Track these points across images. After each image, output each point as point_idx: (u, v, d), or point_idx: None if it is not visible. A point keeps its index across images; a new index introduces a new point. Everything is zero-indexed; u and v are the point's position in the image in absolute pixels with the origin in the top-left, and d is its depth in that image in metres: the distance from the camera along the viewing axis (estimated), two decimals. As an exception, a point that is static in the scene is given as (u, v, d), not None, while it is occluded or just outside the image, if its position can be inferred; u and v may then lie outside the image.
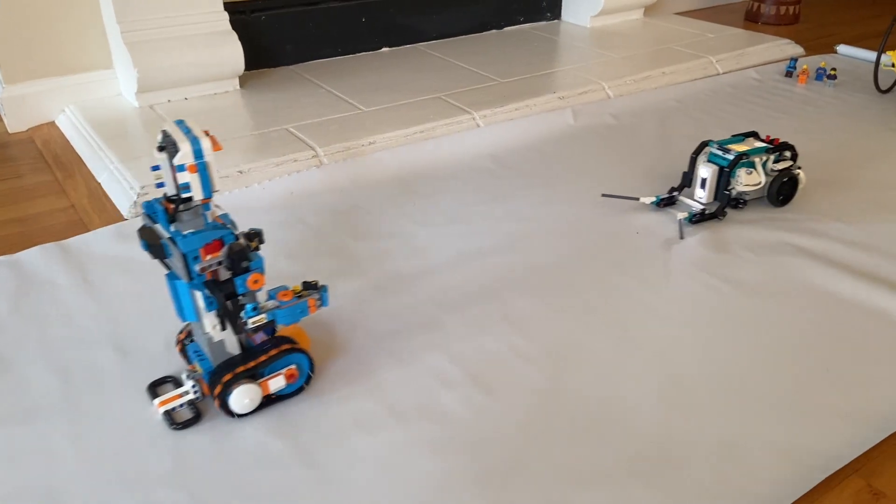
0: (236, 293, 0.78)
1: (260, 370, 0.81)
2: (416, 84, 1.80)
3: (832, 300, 1.02)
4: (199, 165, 0.71)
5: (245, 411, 0.81)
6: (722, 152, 1.22)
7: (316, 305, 0.82)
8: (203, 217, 0.76)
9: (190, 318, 0.79)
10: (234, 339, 0.82)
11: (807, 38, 2.27)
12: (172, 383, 0.88)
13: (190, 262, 0.74)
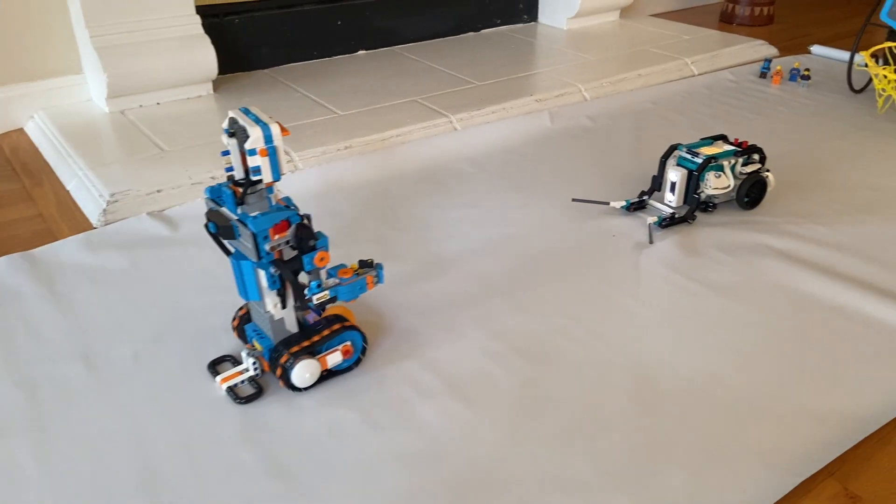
0: (301, 271, 0.81)
1: (318, 347, 0.86)
2: (393, 87, 1.79)
3: (805, 301, 1.02)
4: (269, 149, 0.75)
5: (305, 385, 0.85)
6: (691, 156, 1.22)
7: (373, 282, 0.87)
8: (268, 199, 0.79)
9: (253, 297, 0.82)
10: (292, 318, 0.86)
11: (781, 39, 2.29)
12: (231, 362, 0.92)
13: (260, 242, 0.77)
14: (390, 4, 2.07)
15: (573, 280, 1.08)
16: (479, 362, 0.92)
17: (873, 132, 1.58)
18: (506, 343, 0.95)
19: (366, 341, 0.90)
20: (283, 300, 0.83)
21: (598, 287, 1.07)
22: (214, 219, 0.79)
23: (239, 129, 0.76)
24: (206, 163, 1.37)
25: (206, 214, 0.80)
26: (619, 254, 1.15)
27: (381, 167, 1.44)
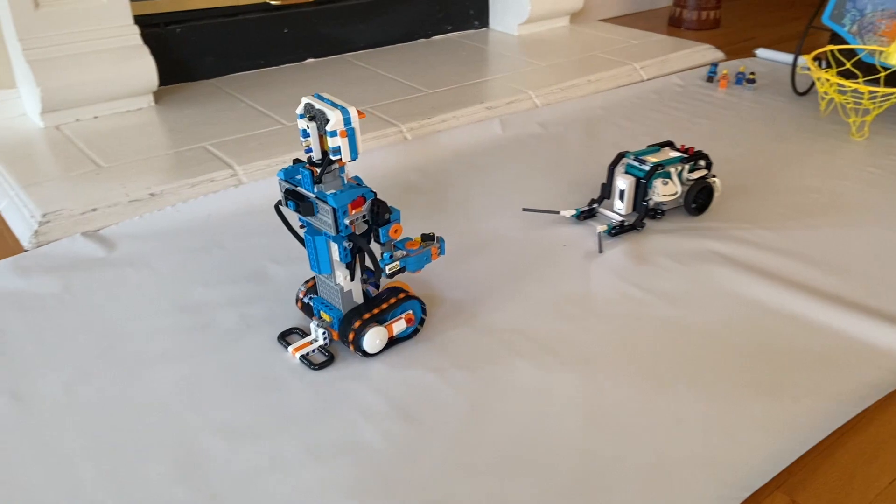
0: (378, 242, 0.88)
1: (384, 315, 0.92)
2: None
3: (753, 308, 1.02)
4: (348, 131, 0.80)
5: (375, 351, 0.92)
6: (638, 163, 1.22)
7: (437, 253, 0.93)
8: (341, 178, 0.85)
9: (325, 270, 0.89)
10: (359, 290, 0.93)
11: (727, 43, 2.32)
12: (299, 333, 0.98)
13: (339, 217, 0.83)
14: (338, 12, 2.04)
15: (523, 292, 1.07)
16: (426, 380, 0.89)
17: (817, 134, 1.61)
18: (452, 360, 0.93)
19: (425, 310, 0.97)
20: (352, 272, 0.90)
21: (548, 298, 1.05)
22: (293, 197, 0.86)
23: (318, 113, 0.81)
24: (144, 178, 1.33)
25: (284, 193, 0.87)
26: (570, 264, 1.14)
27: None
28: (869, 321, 0.98)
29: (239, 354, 0.95)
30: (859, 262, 1.13)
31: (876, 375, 0.89)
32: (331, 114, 0.79)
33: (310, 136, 0.83)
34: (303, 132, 0.83)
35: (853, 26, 1.65)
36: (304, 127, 0.83)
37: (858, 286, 1.07)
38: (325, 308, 0.94)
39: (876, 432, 0.82)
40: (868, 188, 1.36)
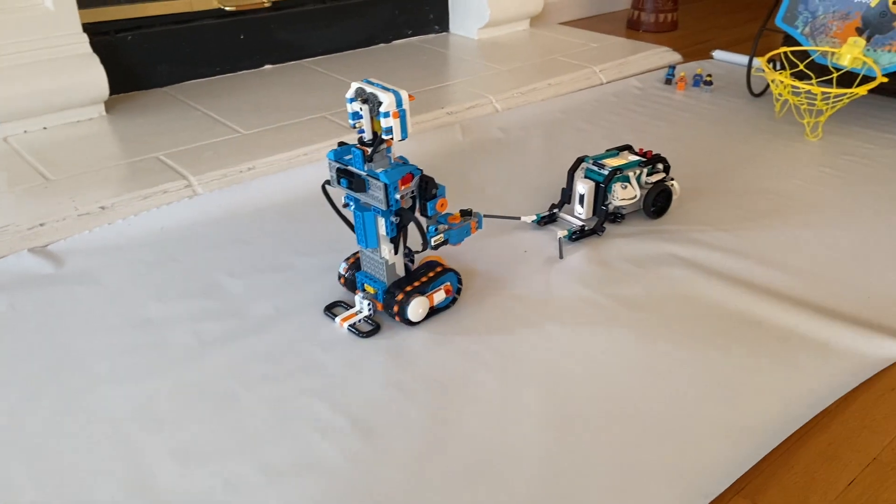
0: (411, 219, 0.93)
1: (425, 287, 0.99)
2: (301, 103, 1.73)
3: (712, 311, 1.03)
4: (400, 112, 0.87)
5: (418, 319, 0.99)
6: (597, 168, 1.22)
7: (476, 227, 1.00)
8: (388, 158, 0.92)
9: (373, 244, 0.96)
10: (401, 263, 0.99)
11: (685, 45, 2.34)
12: (343, 306, 1.04)
13: (391, 192, 0.90)
14: (296, 17, 2.01)
15: (484, 300, 1.06)
16: (385, 393, 0.88)
17: (773, 135, 1.63)
18: (413, 372, 0.91)
19: (461, 282, 1.04)
20: (396, 246, 0.96)
21: (509, 306, 1.04)
22: (345, 175, 0.92)
23: (370, 96, 0.87)
24: (95, 191, 1.29)
25: (336, 172, 0.93)
26: (531, 270, 1.13)
27: (288, 189, 1.38)
28: (826, 321, 0.99)
29: (194, 373, 0.92)
30: (815, 262, 1.14)
31: (834, 375, 0.90)
32: (384, 96, 0.85)
33: (362, 117, 0.89)
34: (353, 114, 0.89)
35: (806, 28, 1.68)
36: (357, 109, 0.89)
37: (815, 286, 1.08)
38: (369, 281, 1.00)
39: (835, 432, 0.83)
40: (823, 188, 1.37)
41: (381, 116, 0.86)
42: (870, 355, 0.93)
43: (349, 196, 0.96)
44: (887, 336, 0.96)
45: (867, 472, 0.77)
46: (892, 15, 1.55)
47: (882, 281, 1.09)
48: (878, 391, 0.88)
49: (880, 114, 1.72)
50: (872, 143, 1.56)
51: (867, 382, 0.89)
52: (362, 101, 0.88)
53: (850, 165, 1.46)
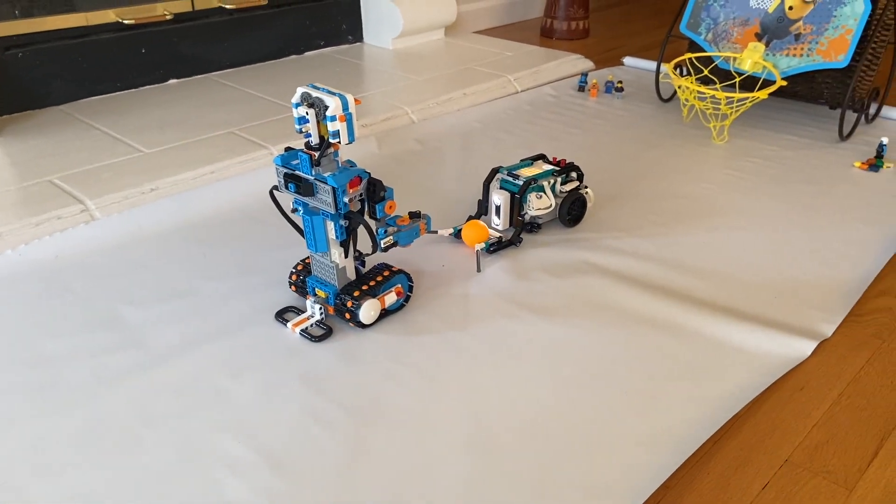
0: (360, 223, 0.94)
1: (377, 290, 1.00)
2: (207, 118, 1.66)
3: (630, 318, 1.03)
4: (346, 116, 0.88)
5: (370, 322, 1.00)
6: (512, 178, 1.22)
7: (425, 228, 1.02)
8: (336, 162, 0.93)
9: (322, 248, 0.97)
10: (352, 267, 1.01)
11: (597, 52, 2.38)
12: (294, 311, 1.04)
13: (339, 195, 0.91)
14: (202, 29, 1.94)
15: (402, 318, 1.03)
16: (301, 425, 0.84)
17: (682, 139, 1.67)
18: (328, 398, 0.88)
19: (412, 284, 1.05)
20: (347, 250, 0.98)
21: (429, 323, 1.02)
22: (293, 179, 0.92)
23: (316, 101, 0.88)
24: (-20, 220, 1.20)
25: (283, 177, 0.93)
26: (449, 284, 1.11)
27: (192, 210, 1.32)
28: (736, 323, 1.01)
29: (91, 411, 0.86)
30: (725, 264, 1.16)
31: (746, 378, 0.92)
32: (330, 100, 0.87)
33: (308, 122, 0.90)
34: (300, 119, 0.90)
35: (708, 34, 1.73)
36: (304, 114, 0.89)
37: (725, 288, 1.10)
38: (320, 285, 1.01)
39: (747, 435, 0.84)
40: (730, 191, 1.41)
41: (327, 120, 0.87)
42: (779, 356, 0.96)
43: (297, 201, 0.96)
44: (794, 335, 0.98)
45: (780, 475, 0.78)
46: (789, 20, 1.61)
47: (787, 279, 1.12)
48: (788, 391, 0.90)
49: (782, 116, 1.79)
50: (775, 145, 1.62)
51: (777, 383, 0.91)
52: (308, 106, 0.89)
53: (755, 167, 1.51)
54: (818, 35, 1.57)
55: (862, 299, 1.07)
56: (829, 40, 1.56)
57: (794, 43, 1.60)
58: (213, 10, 1.95)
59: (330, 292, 1.00)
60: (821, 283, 1.11)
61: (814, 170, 1.50)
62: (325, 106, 0.88)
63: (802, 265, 1.16)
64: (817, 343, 0.98)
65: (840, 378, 0.92)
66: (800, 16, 1.59)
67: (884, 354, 0.96)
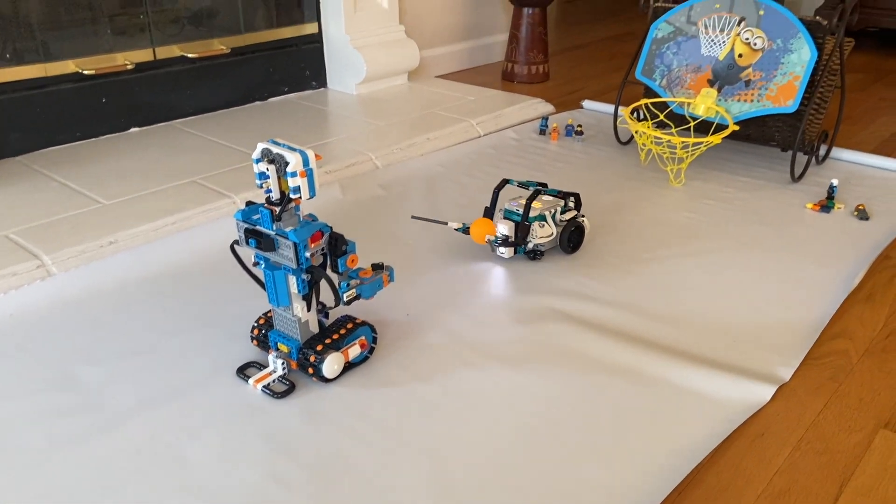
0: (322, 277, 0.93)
1: (340, 343, 0.99)
2: (169, 168, 1.65)
3: (593, 365, 1.03)
4: (307, 171, 0.89)
5: (334, 376, 0.99)
6: (516, 207, 1.30)
7: (388, 280, 1.01)
8: (297, 216, 0.93)
9: (284, 303, 0.96)
10: (315, 320, 1.00)
11: (557, 95, 2.43)
12: (256, 367, 1.02)
13: (300, 250, 0.91)
14: (163, 77, 1.94)
15: (366, 370, 1.02)
16: (261, 488, 0.82)
17: (641, 182, 1.69)
18: (290, 457, 0.86)
19: (375, 339, 1.05)
20: (309, 303, 0.97)
21: (393, 375, 1.01)
22: (254, 235, 0.92)
23: (277, 157, 0.89)
24: (-70, 278, 1.16)
25: (243, 233, 0.93)
26: (414, 334, 1.11)
27: (152, 262, 1.30)
28: (696, 368, 1.02)
29: (43, 478, 0.83)
30: (684, 308, 1.18)
31: (708, 425, 0.92)
32: (290, 156, 0.87)
33: (269, 177, 0.90)
34: (260, 175, 0.90)
35: (663, 80, 1.77)
36: (264, 170, 0.90)
37: (684, 332, 1.11)
38: (282, 339, 1.00)
39: (710, 485, 0.84)
40: (688, 233, 1.44)
41: (288, 176, 0.88)
42: (739, 401, 0.96)
43: (259, 255, 0.96)
44: (753, 380, 0.99)
45: (743, 524, 0.78)
46: (739, 67, 1.67)
47: (746, 322, 1.14)
48: (749, 438, 0.91)
49: (736, 158, 1.83)
50: (731, 187, 1.66)
51: (737, 430, 0.92)
52: (269, 162, 0.90)
53: (712, 209, 1.54)
54: (767, 81, 1.62)
55: (818, 342, 1.09)
56: (778, 86, 1.61)
57: (745, 89, 1.65)
58: (175, 59, 1.95)
59: (293, 346, 0.99)
60: (778, 325, 1.13)
61: (768, 211, 1.53)
62: (286, 162, 0.88)
63: (760, 308, 1.18)
64: (776, 388, 0.99)
65: (799, 423, 0.93)
66: (749, 63, 1.65)
67: (840, 398, 0.98)
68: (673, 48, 1.76)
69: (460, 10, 2.69)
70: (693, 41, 1.72)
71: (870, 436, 0.91)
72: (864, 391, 0.99)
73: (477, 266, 1.31)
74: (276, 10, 2.18)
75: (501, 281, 1.26)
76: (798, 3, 3.54)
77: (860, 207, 1.50)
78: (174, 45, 1.95)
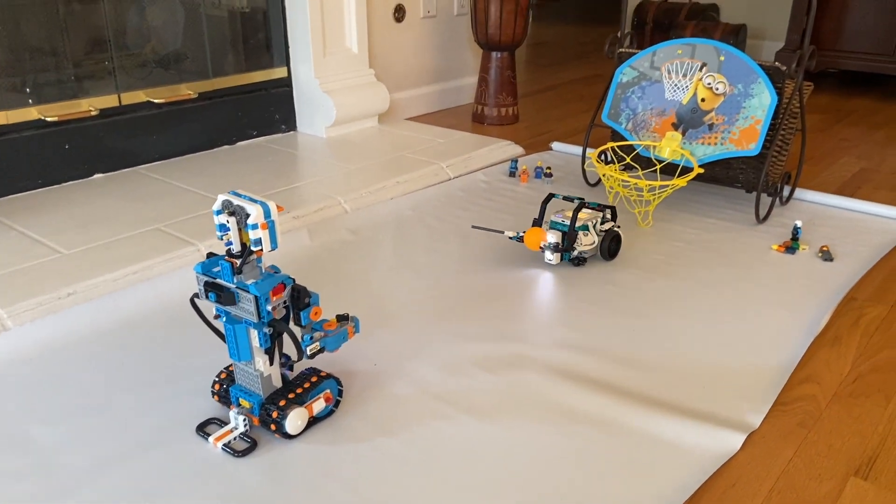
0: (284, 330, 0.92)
1: (304, 397, 0.97)
2: (133, 215, 1.63)
3: (562, 415, 1.02)
4: (269, 223, 0.88)
5: (297, 432, 0.97)
6: (562, 219, 1.47)
7: (353, 332, 0.99)
8: (259, 268, 0.92)
9: (245, 357, 0.94)
10: (277, 374, 0.98)
11: (526, 137, 2.46)
12: (217, 423, 1.00)
13: (262, 304, 0.89)
14: (128, 123, 1.92)
15: (331, 424, 1.00)
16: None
17: (610, 225, 1.71)
18: (251, 523, 0.83)
19: (341, 392, 1.03)
20: (272, 357, 0.95)
21: (359, 429, 0.99)
22: (214, 289, 0.90)
23: (238, 209, 0.88)
24: None
25: (203, 286, 0.92)
26: (381, 385, 1.09)
27: (112, 314, 1.27)
28: (668, 417, 1.01)
29: (-15, 554, 0.79)
30: (655, 354, 1.18)
31: (679, 475, 0.91)
32: (251, 208, 0.87)
33: (229, 230, 0.90)
34: (221, 227, 0.90)
35: (629, 124, 1.80)
36: (224, 222, 0.89)
37: (654, 380, 1.11)
38: (244, 395, 0.97)
39: (683, 538, 0.83)
40: (656, 276, 1.44)
41: (249, 228, 0.87)
42: (710, 450, 0.96)
43: (220, 308, 0.94)
44: (723, 427, 0.99)
45: (715, 581, 0.77)
46: (702, 111, 1.70)
47: (714, 367, 1.14)
48: (721, 488, 0.90)
49: (702, 199, 1.86)
50: (697, 228, 1.68)
51: (709, 480, 0.91)
52: (229, 214, 0.89)
53: (679, 251, 1.55)
54: (730, 125, 1.66)
55: (786, 387, 1.09)
56: (741, 130, 1.64)
57: (709, 132, 1.68)
58: (140, 104, 1.94)
59: (255, 402, 0.96)
60: (746, 370, 1.13)
61: (734, 253, 1.55)
62: (247, 214, 0.87)
63: (728, 352, 1.18)
64: (746, 435, 0.98)
65: (770, 472, 0.93)
66: (712, 107, 1.68)
67: (809, 445, 0.98)
68: (638, 92, 1.79)
69: (430, 54, 2.73)
70: (657, 86, 1.76)
71: (840, 484, 0.91)
72: (834, 438, 0.99)
73: (446, 313, 1.30)
74: (245, 54, 2.19)
75: (470, 328, 1.25)
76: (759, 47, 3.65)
77: (824, 248, 1.53)
78: (140, 91, 1.94)
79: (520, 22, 2.48)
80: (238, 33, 2.16)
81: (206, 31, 2.08)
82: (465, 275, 1.45)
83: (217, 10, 2.10)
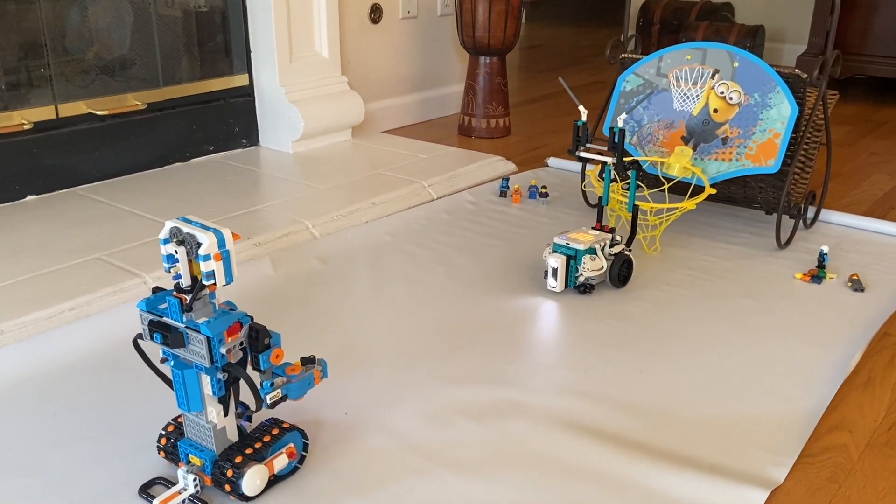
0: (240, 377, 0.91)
1: (263, 452, 0.95)
2: (69, 242, 1.61)
3: (559, 470, 1.01)
4: (223, 254, 0.86)
5: (255, 493, 0.94)
6: (566, 243, 1.47)
7: (320, 377, 0.97)
8: (212, 305, 0.91)
9: (196, 407, 0.92)
10: (233, 426, 0.96)
11: (519, 151, 2.47)
12: (163, 484, 0.97)
13: (215, 346, 0.88)
14: (66, 138, 1.92)
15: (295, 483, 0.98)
16: None
17: (613, 251, 1.71)
18: None
19: (306, 446, 1.01)
20: (227, 407, 0.93)
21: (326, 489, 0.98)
22: (159, 329, 0.88)
23: (187, 237, 0.86)
24: None
25: (147, 326, 0.90)
26: (352, 437, 1.08)
27: (44, 358, 1.26)
28: (680, 473, 1.00)
29: None
30: (661, 399, 1.17)
31: (691, 539, 0.90)
32: (203, 237, 0.85)
33: (178, 262, 0.88)
34: (168, 257, 0.89)
35: (633, 138, 1.82)
36: (172, 252, 0.88)
37: (664, 429, 1.10)
38: (194, 451, 0.95)
39: None
40: (666, 310, 1.45)
41: (200, 259, 0.86)
42: (727, 509, 0.95)
43: (167, 351, 0.92)
44: (743, 483, 0.99)
45: None
46: (715, 123, 1.72)
47: (731, 414, 1.13)
48: (739, 554, 0.89)
49: (716, 221, 1.87)
50: (711, 255, 1.69)
51: (727, 545, 0.90)
52: (178, 243, 0.88)
53: (691, 281, 1.56)
54: (746, 139, 1.67)
55: (813, 436, 1.09)
56: (758, 144, 1.66)
57: (722, 147, 1.70)
58: (81, 116, 1.94)
59: (207, 459, 0.95)
60: (768, 417, 1.13)
61: (754, 283, 1.56)
62: (198, 243, 0.86)
63: (747, 396, 1.18)
64: (769, 492, 0.98)
65: (796, 535, 0.92)
66: (725, 119, 1.70)
67: (841, 502, 0.97)
68: (643, 103, 1.81)
69: (410, 59, 2.75)
70: (664, 95, 1.78)
71: (876, 548, 0.90)
72: (868, 494, 0.99)
73: (427, 354, 1.29)
74: (201, 59, 2.20)
75: (455, 371, 1.24)
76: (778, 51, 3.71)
77: (854, 277, 1.54)
78: (81, 101, 1.94)
79: (511, 23, 2.51)
80: (193, 36, 2.17)
81: (157, 34, 2.09)
82: (450, 308, 1.45)
83: (170, 10, 2.11)
